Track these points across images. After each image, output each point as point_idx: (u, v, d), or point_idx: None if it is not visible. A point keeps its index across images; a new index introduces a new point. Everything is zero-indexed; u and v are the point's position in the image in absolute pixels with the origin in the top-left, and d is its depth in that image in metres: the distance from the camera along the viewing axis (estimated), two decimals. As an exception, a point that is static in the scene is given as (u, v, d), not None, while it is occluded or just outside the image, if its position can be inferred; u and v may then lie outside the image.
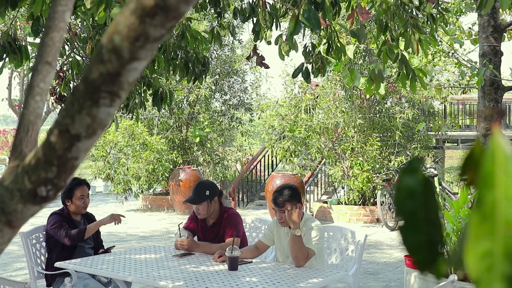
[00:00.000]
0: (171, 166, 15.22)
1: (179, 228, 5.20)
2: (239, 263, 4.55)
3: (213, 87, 16.33)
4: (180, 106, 16.04)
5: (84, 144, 1.10)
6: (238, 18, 4.63)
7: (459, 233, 6.21)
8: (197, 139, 15.37)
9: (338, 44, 4.40)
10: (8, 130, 19.68)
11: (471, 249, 0.55)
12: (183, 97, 15.61)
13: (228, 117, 16.87)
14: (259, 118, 15.20)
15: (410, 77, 4.58)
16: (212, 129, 15.70)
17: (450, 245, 6.24)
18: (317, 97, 13.60)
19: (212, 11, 5.47)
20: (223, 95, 17.04)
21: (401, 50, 4.67)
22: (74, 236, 5.10)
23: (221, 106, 17.19)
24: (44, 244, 5.45)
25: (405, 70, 4.54)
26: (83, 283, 4.96)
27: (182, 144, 16.25)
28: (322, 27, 3.86)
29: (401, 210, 0.62)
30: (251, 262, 4.78)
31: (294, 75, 4.43)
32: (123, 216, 5.29)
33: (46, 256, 5.38)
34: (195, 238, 5.38)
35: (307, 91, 13.66)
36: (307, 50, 4.45)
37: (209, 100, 16.31)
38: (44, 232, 5.37)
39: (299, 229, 4.51)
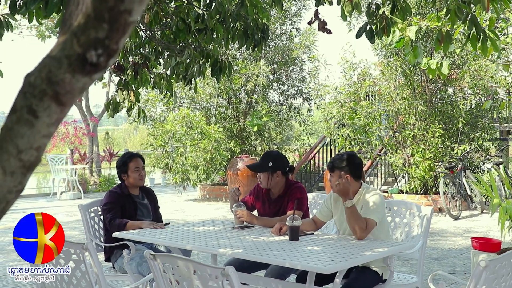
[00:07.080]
0: (229, 155, 15.15)
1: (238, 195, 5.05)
2: (300, 235, 4.39)
3: (271, 77, 16.18)
4: (238, 95, 15.96)
5: (138, -8, 0.96)
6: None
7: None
8: (255, 128, 15.27)
9: (403, 4, 4.19)
10: (69, 122, 19.88)
11: None
12: (240, 86, 15.52)
13: (286, 107, 16.70)
14: (317, 108, 14.92)
15: (480, 38, 4.32)
16: (270, 118, 15.55)
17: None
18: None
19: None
20: (280, 85, 16.87)
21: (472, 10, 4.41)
22: (115, 226, 5.09)
23: (279, 97, 17.03)
24: (102, 217, 5.43)
25: (475, 31, 4.28)
26: (141, 255, 4.90)
27: (240, 134, 16.18)
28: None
29: None
30: (313, 233, 4.62)
31: (358, 35, 4.24)
32: (163, 227, 5.11)
33: (104, 230, 5.37)
34: (255, 212, 5.25)
35: (367, 78, 13.36)
36: (371, 10, 4.25)
37: (267, 89, 16.17)
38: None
39: (350, 200, 4.27)
